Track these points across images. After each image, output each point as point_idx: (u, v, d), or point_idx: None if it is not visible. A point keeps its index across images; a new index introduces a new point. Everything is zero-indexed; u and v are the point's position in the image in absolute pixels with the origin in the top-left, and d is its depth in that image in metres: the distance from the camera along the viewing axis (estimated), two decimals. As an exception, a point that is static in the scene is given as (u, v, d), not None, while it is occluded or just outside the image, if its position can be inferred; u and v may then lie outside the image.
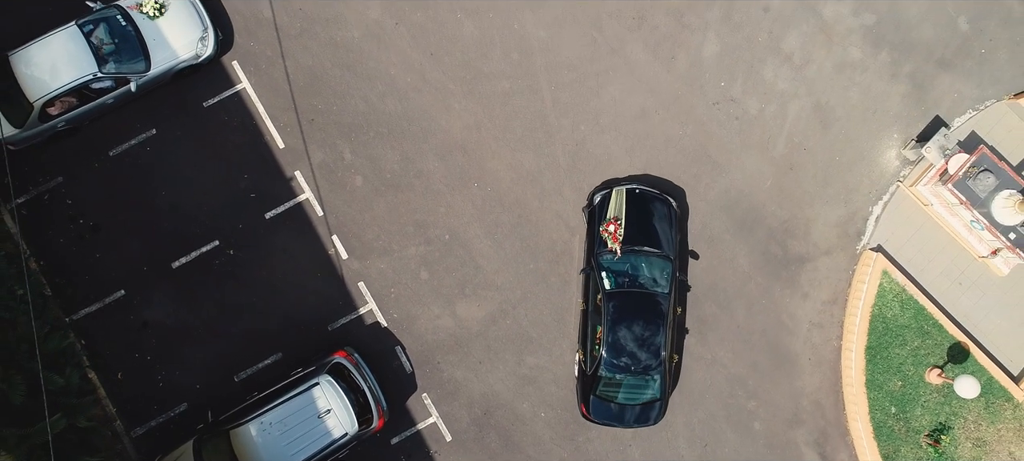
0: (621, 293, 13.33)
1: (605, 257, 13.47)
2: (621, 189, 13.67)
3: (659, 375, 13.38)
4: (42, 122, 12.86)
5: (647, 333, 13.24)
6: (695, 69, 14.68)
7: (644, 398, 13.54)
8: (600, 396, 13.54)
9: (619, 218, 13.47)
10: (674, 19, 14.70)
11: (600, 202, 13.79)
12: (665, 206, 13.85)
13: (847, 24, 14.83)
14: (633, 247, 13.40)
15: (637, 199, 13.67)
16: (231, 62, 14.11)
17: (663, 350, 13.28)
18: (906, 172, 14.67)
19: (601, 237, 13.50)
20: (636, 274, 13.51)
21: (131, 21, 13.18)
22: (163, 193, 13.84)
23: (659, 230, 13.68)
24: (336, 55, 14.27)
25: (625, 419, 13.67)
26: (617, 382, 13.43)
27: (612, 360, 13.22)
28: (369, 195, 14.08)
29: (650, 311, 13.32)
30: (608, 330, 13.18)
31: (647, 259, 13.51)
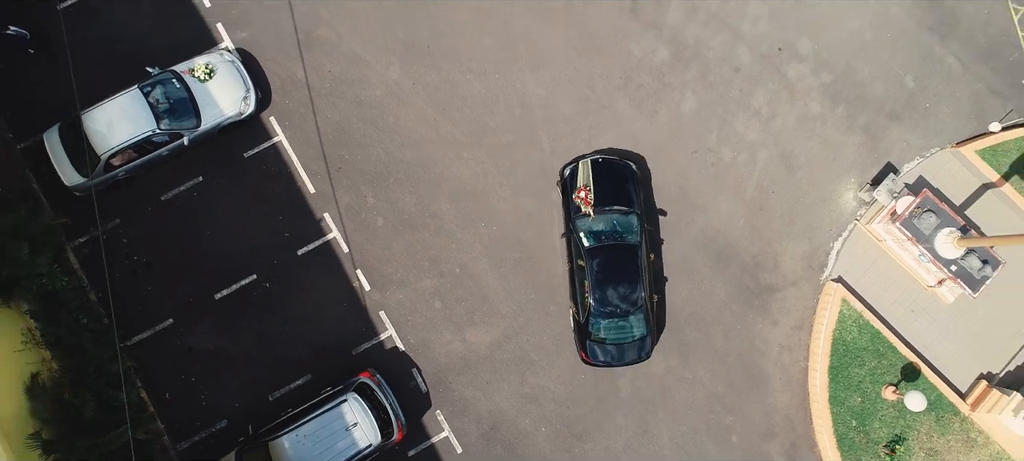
0: (599, 248, 15.17)
1: (581, 220, 15.34)
2: (586, 160, 15.62)
3: (642, 314, 15.26)
4: (106, 172, 14.74)
5: (626, 279, 15.09)
6: (675, 122, 16.72)
7: (634, 336, 15.31)
8: (595, 340, 15.31)
9: (588, 185, 15.32)
10: (657, 79, 16.78)
11: (570, 174, 15.75)
12: (627, 169, 15.84)
13: (808, 83, 16.94)
14: (604, 208, 15.26)
15: (601, 166, 15.61)
16: (269, 117, 16.09)
17: (643, 291, 15.15)
18: (862, 212, 16.63)
19: (575, 204, 15.40)
20: (610, 230, 15.30)
21: (185, 84, 15.15)
22: (208, 233, 15.67)
23: (624, 190, 15.59)
24: (360, 111, 16.26)
25: (620, 358, 15.45)
26: (608, 325, 15.18)
27: (600, 308, 15.06)
28: (389, 234, 15.94)
29: (626, 260, 15.16)
30: (592, 282, 15.03)
31: (617, 216, 15.35)
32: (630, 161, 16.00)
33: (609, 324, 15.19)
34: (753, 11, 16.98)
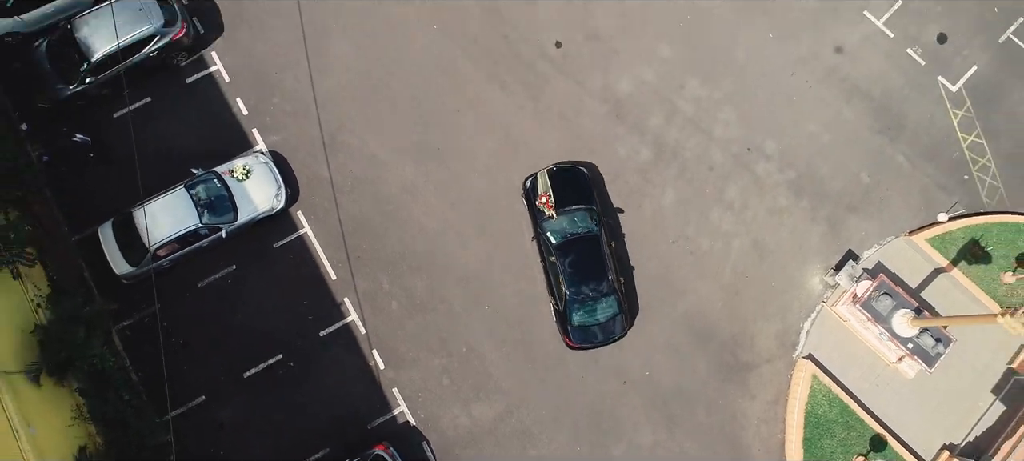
0: (565, 243, 17.14)
1: (546, 222, 17.31)
2: (543, 171, 17.74)
3: (612, 294, 17.11)
4: (152, 262, 16.56)
5: (593, 266, 17.06)
6: (658, 215, 18.76)
7: (607, 315, 17.12)
8: (574, 325, 17.14)
9: (547, 191, 17.40)
10: (640, 176, 18.94)
11: (531, 185, 17.84)
12: (580, 173, 17.95)
13: (775, 178, 19.12)
14: (564, 208, 17.25)
15: (557, 174, 17.74)
16: (296, 212, 18.08)
17: (610, 275, 17.03)
18: (828, 295, 18.50)
19: (539, 209, 17.42)
20: (572, 227, 17.26)
21: (224, 183, 17.17)
22: (239, 316, 17.38)
23: (580, 190, 17.65)
24: (378, 206, 18.28)
25: (598, 337, 17.32)
26: (584, 308, 16.98)
27: (574, 294, 16.93)
28: (403, 317, 17.67)
29: (591, 249, 17.14)
30: (564, 274, 16.96)
31: (577, 213, 17.32)
32: (582, 166, 18.13)
33: (584, 308, 17.04)
34: (724, 117, 19.33)
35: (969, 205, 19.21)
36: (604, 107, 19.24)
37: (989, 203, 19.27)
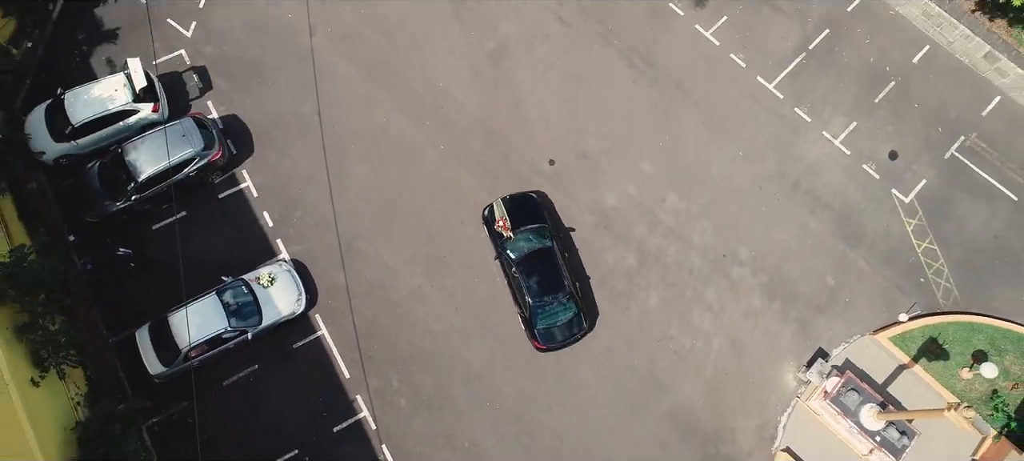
0: (524, 258, 19.32)
1: (506, 243, 19.45)
2: (498, 199, 20.02)
3: (570, 298, 19.21)
4: (184, 363, 18.16)
5: (550, 274, 19.27)
6: (643, 316, 20.58)
7: (568, 317, 19.21)
8: (540, 330, 19.17)
9: (504, 216, 19.57)
10: (627, 281, 20.87)
11: (488, 213, 20.10)
12: (530, 197, 20.44)
13: (749, 283, 21.07)
14: (519, 228, 19.45)
15: (511, 200, 20.07)
16: (315, 315, 19.86)
17: (566, 280, 19.15)
18: (801, 390, 20.08)
19: (498, 232, 19.54)
20: (528, 244, 19.42)
21: (251, 290, 18.99)
22: (260, 412, 18.82)
23: (531, 212, 19.98)
24: (389, 309, 20.08)
25: (563, 338, 19.37)
26: (546, 312, 19.03)
27: (537, 302, 19.02)
28: (411, 413, 19.14)
29: (547, 260, 19.37)
30: (526, 284, 19.09)
31: (531, 232, 19.57)
32: (532, 193, 20.57)
33: (546, 312, 19.10)
34: (701, 226, 21.48)
35: (926, 306, 21.09)
36: (593, 218, 21.40)
37: (945, 304, 21.18)
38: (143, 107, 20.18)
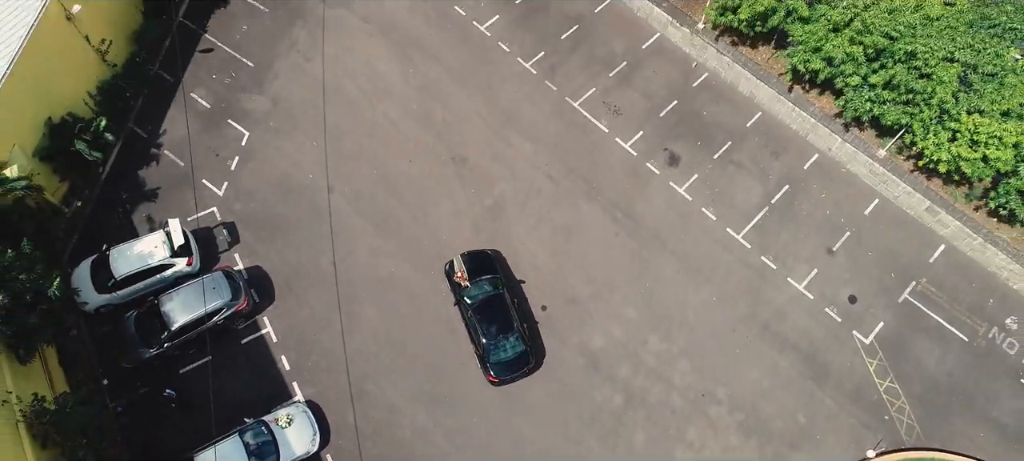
0: (479, 304, 22.37)
1: (463, 291, 22.62)
2: (458, 255, 23.19)
3: (519, 337, 22.25)
4: (204, 502, 19.62)
5: (501, 317, 22.29)
6: (630, 453, 22.23)
7: (517, 353, 22.18)
8: (494, 364, 22.01)
9: (462, 269, 22.66)
10: (615, 419, 22.67)
11: (449, 267, 23.33)
12: (486, 253, 23.71)
13: (726, 421, 22.86)
14: (475, 279, 22.62)
15: (469, 256, 23.25)
16: (326, 454, 21.45)
17: (515, 322, 22.22)
18: (779, 524, 21.48)
19: (456, 283, 22.72)
20: (482, 291, 22.54)
21: (270, 430, 20.70)
22: (271, 550, 20.04)
23: (486, 266, 23.16)
24: (393, 447, 21.72)
25: (513, 371, 22.18)
26: (498, 349, 21.95)
27: (491, 341, 22.03)
28: (413, 549, 20.42)
29: (499, 305, 22.47)
30: (481, 326, 22.10)
31: (485, 282, 22.73)
32: (488, 251, 23.79)
33: (498, 349, 22.03)
34: (681, 366, 23.52)
35: (891, 442, 22.82)
36: (582, 359, 23.46)
37: (908, 439, 22.92)
38: (179, 262, 22.63)
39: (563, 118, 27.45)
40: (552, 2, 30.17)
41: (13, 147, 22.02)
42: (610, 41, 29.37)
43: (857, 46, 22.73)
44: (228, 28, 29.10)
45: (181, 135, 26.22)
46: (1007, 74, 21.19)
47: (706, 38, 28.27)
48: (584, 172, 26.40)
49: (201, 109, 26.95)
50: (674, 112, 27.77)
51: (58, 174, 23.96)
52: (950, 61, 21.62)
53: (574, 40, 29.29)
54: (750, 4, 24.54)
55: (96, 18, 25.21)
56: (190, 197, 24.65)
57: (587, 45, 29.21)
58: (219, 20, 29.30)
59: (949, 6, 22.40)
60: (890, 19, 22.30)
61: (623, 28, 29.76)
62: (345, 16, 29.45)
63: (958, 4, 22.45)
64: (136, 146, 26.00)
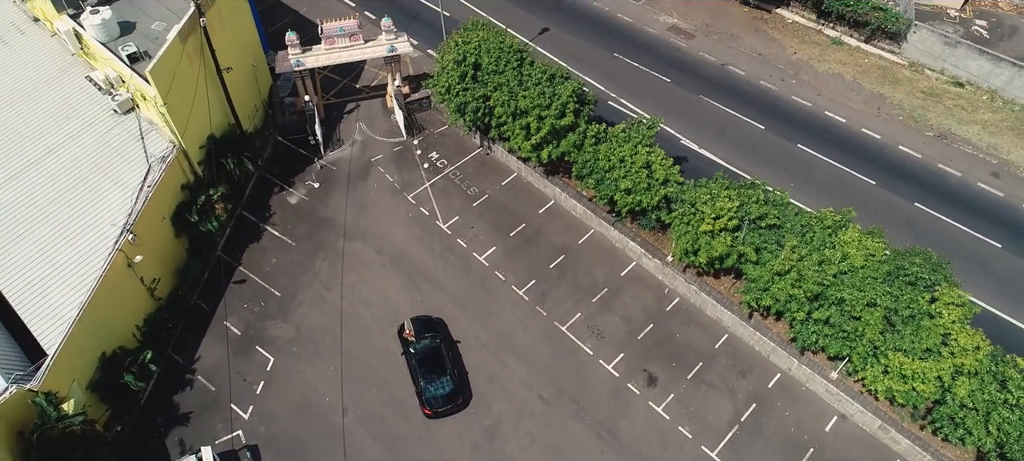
0: (420, 355, 28.98)
1: (411, 345, 29.27)
2: (408, 319, 30.12)
3: (449, 378, 28.40)
4: None
5: (437, 364, 28.75)
6: None
7: (447, 391, 28.23)
8: (429, 399, 28.04)
9: (410, 329, 29.69)
10: None
11: (400, 327, 30.08)
12: (431, 318, 30.62)
13: None
14: (421, 335, 29.51)
15: (416, 319, 30.23)
16: None
17: (447, 368, 28.53)
18: None
19: (405, 338, 29.62)
20: (424, 345, 29.21)
21: None
22: None
23: (429, 327, 30.04)
24: None
25: (444, 404, 27.97)
26: (433, 387, 28.15)
27: (428, 382, 28.34)
28: None
29: (435, 355, 29.03)
30: (421, 370, 28.58)
31: (427, 339, 29.41)
32: (432, 316, 30.58)
33: (433, 388, 28.21)
34: None
35: None
36: None
37: None
38: (209, 487, 25.04)
39: (553, 341, 31.04)
40: (541, 235, 35.01)
41: (73, 383, 25.23)
42: (592, 269, 33.77)
43: (798, 289, 26.87)
44: (260, 261, 33.57)
45: (213, 361, 29.65)
46: (923, 317, 25.07)
47: (675, 269, 32.68)
48: (572, 392, 29.51)
49: (233, 336, 30.53)
50: (651, 334, 31.43)
51: (104, 402, 26.94)
52: (873, 306, 25.61)
53: (561, 269, 33.68)
54: (707, 250, 29.08)
55: (150, 259, 29.54)
56: (219, 420, 27.50)
57: (573, 273, 33.55)
58: (252, 254, 33.88)
59: (871, 257, 26.80)
60: (820, 270, 26.63)
61: (603, 257, 34.31)
62: (362, 248, 34.04)
63: (878, 255, 26.87)
64: (173, 371, 29.26)
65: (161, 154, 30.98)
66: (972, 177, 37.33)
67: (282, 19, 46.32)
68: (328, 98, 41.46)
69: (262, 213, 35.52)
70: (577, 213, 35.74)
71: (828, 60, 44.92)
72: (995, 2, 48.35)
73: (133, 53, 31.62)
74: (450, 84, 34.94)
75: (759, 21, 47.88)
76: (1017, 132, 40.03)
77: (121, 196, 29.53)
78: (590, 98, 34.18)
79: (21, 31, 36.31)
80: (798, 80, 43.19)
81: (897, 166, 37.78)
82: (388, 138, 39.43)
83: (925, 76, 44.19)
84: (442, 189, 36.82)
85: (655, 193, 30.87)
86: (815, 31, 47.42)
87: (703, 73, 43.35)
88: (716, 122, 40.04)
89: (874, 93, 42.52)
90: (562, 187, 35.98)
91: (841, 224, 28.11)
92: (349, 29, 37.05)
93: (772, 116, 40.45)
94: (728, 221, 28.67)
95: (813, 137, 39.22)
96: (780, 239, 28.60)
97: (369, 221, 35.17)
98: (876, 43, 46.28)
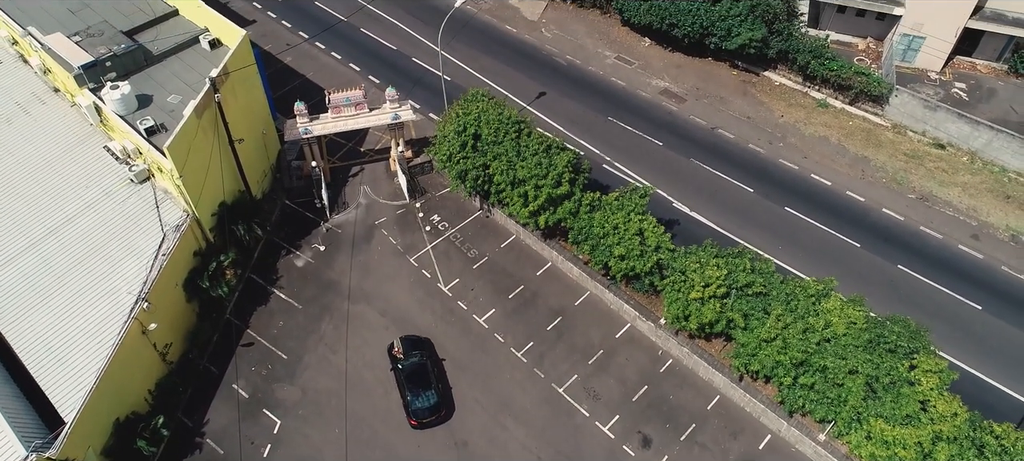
0: (407, 370, 31.63)
1: (400, 363, 31.91)
2: (397, 337, 32.82)
3: (434, 392, 30.94)
4: None
5: (423, 378, 31.34)
6: None
7: (432, 403, 30.73)
8: (415, 411, 30.57)
9: (399, 347, 32.29)
10: None
11: (390, 346, 32.88)
12: (418, 337, 33.44)
13: None
14: (408, 353, 32.12)
15: (405, 339, 32.85)
16: None
17: (432, 382, 31.14)
18: None
19: (394, 356, 32.29)
20: (411, 362, 31.80)
21: None
22: None
23: (417, 346, 32.74)
24: None
25: (428, 416, 30.53)
26: (419, 400, 30.68)
27: (413, 394, 30.92)
28: None
29: (421, 370, 31.65)
30: (408, 385, 31.17)
31: (414, 356, 32.03)
32: (420, 336, 33.44)
33: (419, 401, 30.76)
34: None
35: None
36: None
37: None
38: (215, 551, 25.80)
39: (550, 403, 32.08)
40: (539, 297, 36.31)
41: (88, 449, 26.22)
42: (588, 331, 34.97)
43: (784, 356, 28.09)
44: (267, 323, 34.78)
45: (221, 424, 30.64)
46: (902, 384, 26.25)
47: (668, 331, 33.90)
48: (569, 453, 30.44)
49: (241, 399, 31.58)
50: (645, 396, 32.49)
51: (116, 468, 27.89)
52: (855, 373, 26.82)
53: (558, 331, 34.89)
54: (697, 317, 30.37)
55: (163, 325, 30.74)
56: (226, 488, 28.33)
57: (569, 335, 34.75)
58: (260, 316, 35.10)
59: (852, 324, 28.07)
60: (805, 338, 27.89)
61: (599, 319, 35.54)
62: (365, 311, 35.28)
63: (859, 323, 28.14)
64: (182, 435, 30.21)
65: (175, 223, 32.43)
66: (953, 239, 38.85)
67: (290, 83, 48.33)
68: (334, 161, 43.17)
69: (270, 276, 36.84)
70: (573, 275, 37.09)
71: (814, 123, 46.85)
72: (973, 65, 50.61)
73: (151, 127, 33.28)
74: (451, 152, 36.62)
75: (747, 84, 49.94)
76: (995, 194, 41.70)
77: (136, 264, 30.87)
78: (585, 167, 35.81)
79: (42, 101, 38.14)
80: (785, 143, 45.04)
81: (881, 228, 39.34)
82: (391, 201, 40.99)
83: (908, 138, 46.07)
84: (443, 251, 38.24)
85: (648, 259, 32.27)
86: (801, 93, 49.47)
87: (694, 137, 45.21)
88: (707, 185, 41.71)
89: (858, 156, 44.34)
90: (559, 250, 37.40)
91: (823, 293, 29.44)
92: (355, 99, 38.89)
93: (761, 179, 42.15)
94: (717, 289, 30.01)
95: (800, 200, 40.86)
96: (766, 306, 29.90)
97: (373, 284, 36.48)
98: (860, 105, 48.31)
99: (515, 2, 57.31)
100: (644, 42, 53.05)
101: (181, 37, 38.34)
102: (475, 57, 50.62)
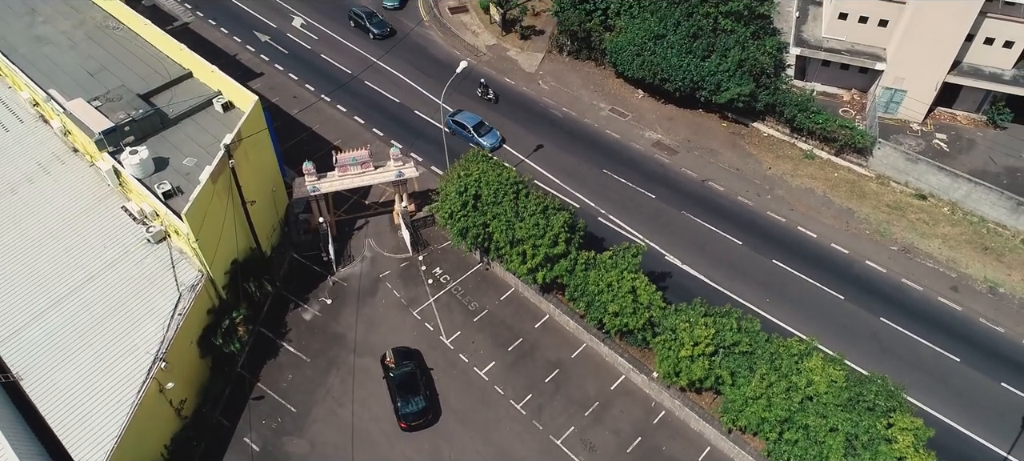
0: (398, 377, 34.83)
1: (391, 371, 35.03)
2: (390, 348, 36.08)
3: (421, 398, 33.99)
4: None
5: (412, 385, 34.42)
6: None
7: (420, 408, 33.81)
8: (405, 416, 33.62)
9: (391, 357, 35.53)
10: None
11: (383, 357, 35.87)
12: (408, 349, 36.54)
13: None
14: (400, 363, 35.39)
15: (397, 350, 36.13)
16: None
17: (420, 388, 34.24)
18: None
19: (386, 365, 35.42)
20: (401, 369, 35.05)
21: None
22: None
23: (407, 356, 35.91)
24: None
25: (417, 419, 33.61)
26: (408, 404, 33.77)
27: (402, 399, 34.11)
28: None
29: (411, 378, 34.78)
30: (398, 390, 34.32)
31: (404, 364, 35.24)
32: (410, 347, 36.66)
33: (408, 405, 33.85)
34: None
35: None
36: None
37: None
38: None
39: (548, 455, 33.51)
40: (537, 349, 37.88)
41: (109, 508, 27.61)
42: (585, 383, 36.50)
43: (769, 413, 29.65)
44: (276, 377, 36.29)
45: (234, 478, 31.98)
46: (880, 442, 27.79)
47: (661, 384, 35.45)
48: (566, 507, 31.86)
49: (251, 452, 32.99)
50: (639, 447, 33.93)
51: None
52: (835, 431, 28.38)
53: (556, 382, 36.41)
54: (687, 373, 31.96)
55: (178, 382, 32.26)
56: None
57: (566, 387, 36.27)
58: (269, 370, 36.62)
59: (833, 384, 29.67)
60: (788, 397, 29.49)
61: (595, 371, 37.09)
62: (371, 365, 36.80)
63: (839, 382, 29.74)
64: (196, 489, 31.58)
65: (191, 282, 34.08)
66: (933, 291, 40.59)
67: (297, 135, 50.27)
68: (339, 214, 44.95)
69: (278, 330, 38.42)
70: (570, 328, 38.70)
71: (801, 175, 48.81)
72: (954, 116, 52.78)
73: (168, 191, 35.08)
74: (453, 211, 38.43)
75: (737, 136, 51.97)
76: (974, 245, 43.53)
77: (154, 323, 32.43)
78: (580, 226, 37.60)
79: (62, 162, 39.96)
80: (773, 195, 46.95)
81: (864, 281, 41.08)
82: (395, 254, 42.71)
83: (891, 189, 48.01)
84: (445, 304, 39.88)
85: (640, 316, 33.92)
86: (789, 145, 51.49)
87: (685, 189, 47.11)
88: (697, 238, 43.53)
89: (843, 208, 46.23)
90: (556, 303, 39.05)
91: (805, 352, 31.08)
92: (361, 159, 40.78)
93: (749, 231, 43.97)
94: (705, 347, 31.65)
95: (786, 252, 42.65)
96: (752, 364, 31.51)
97: (378, 337, 38.05)
98: (845, 156, 50.31)
99: (513, 54, 59.56)
100: (637, 94, 55.17)
101: (195, 100, 40.28)
102: (474, 109, 52.67)
